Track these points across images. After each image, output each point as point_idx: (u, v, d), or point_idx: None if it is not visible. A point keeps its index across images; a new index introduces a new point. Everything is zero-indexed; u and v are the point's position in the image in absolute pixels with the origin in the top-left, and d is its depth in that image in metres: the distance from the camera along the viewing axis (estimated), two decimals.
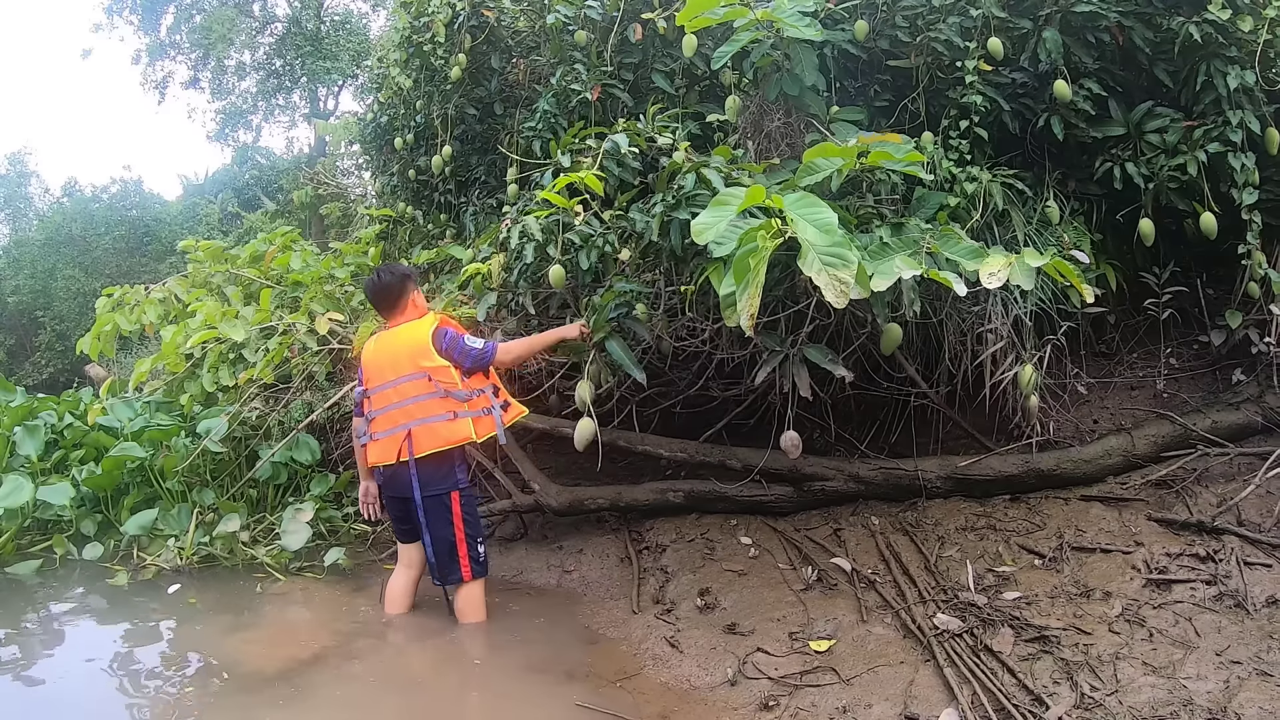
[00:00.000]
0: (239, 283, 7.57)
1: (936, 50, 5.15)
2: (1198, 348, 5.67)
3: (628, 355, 4.68)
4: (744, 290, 3.76)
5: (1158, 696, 3.40)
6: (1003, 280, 3.93)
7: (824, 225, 3.70)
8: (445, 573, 4.69)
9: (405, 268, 5.03)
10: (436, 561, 4.69)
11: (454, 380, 4.59)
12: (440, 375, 4.60)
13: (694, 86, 5.98)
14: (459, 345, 4.62)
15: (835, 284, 3.60)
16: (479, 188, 7.13)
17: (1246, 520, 4.47)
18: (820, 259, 3.64)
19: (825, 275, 3.61)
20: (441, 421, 4.58)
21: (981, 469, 5.11)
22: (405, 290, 4.86)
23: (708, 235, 3.91)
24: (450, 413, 4.58)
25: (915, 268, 3.91)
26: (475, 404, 4.64)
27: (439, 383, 4.60)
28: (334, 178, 13.35)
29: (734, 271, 3.82)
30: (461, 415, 4.58)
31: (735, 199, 3.96)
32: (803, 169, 4.40)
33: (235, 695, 4.05)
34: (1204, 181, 4.95)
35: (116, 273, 21.17)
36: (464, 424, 4.58)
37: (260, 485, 6.50)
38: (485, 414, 4.64)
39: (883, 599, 4.43)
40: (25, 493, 5.90)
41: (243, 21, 26.37)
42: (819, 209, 3.77)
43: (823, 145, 4.43)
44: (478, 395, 4.66)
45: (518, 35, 6.84)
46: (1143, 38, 4.98)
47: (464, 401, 4.61)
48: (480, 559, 4.70)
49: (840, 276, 3.61)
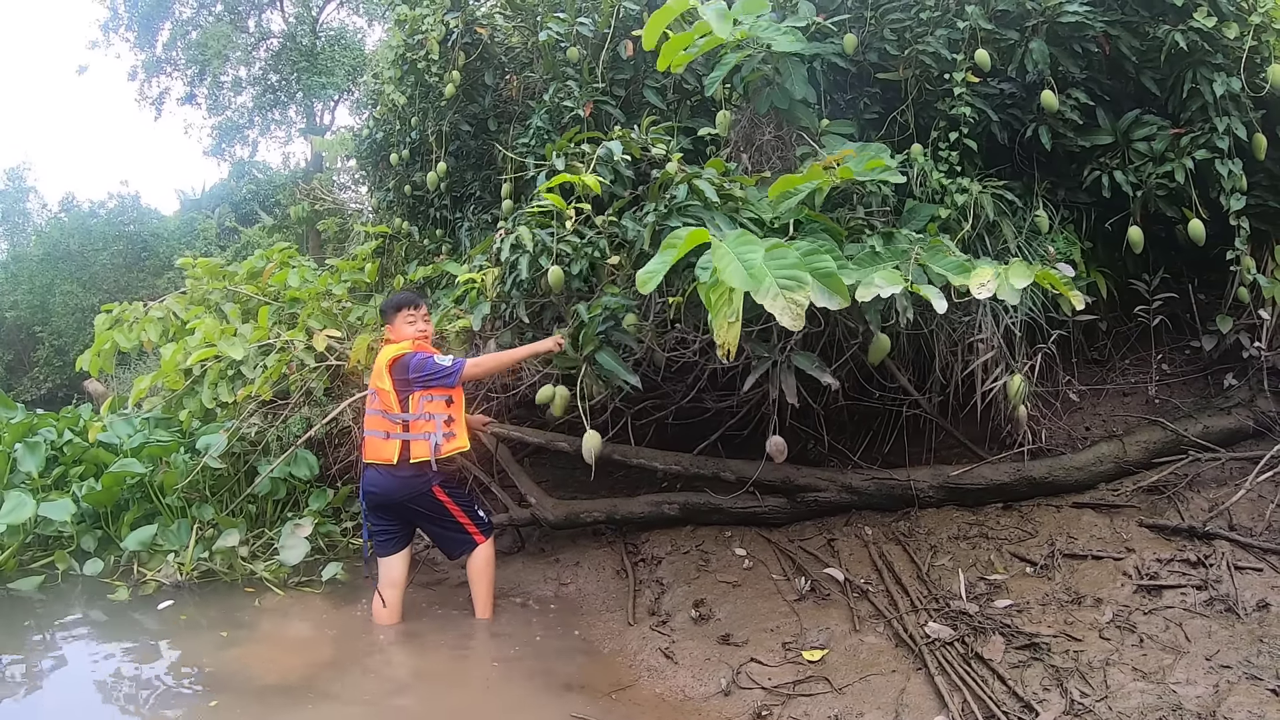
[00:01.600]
0: (237, 299, 7.60)
1: (925, 63, 5.19)
2: (1189, 353, 5.70)
3: (619, 364, 4.72)
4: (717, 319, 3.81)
5: (1147, 702, 3.43)
6: (992, 291, 3.96)
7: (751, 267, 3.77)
8: (458, 549, 5.08)
9: (401, 297, 5.26)
10: (444, 545, 5.12)
11: (391, 404, 4.89)
12: (383, 397, 4.93)
13: (685, 101, 6.02)
14: (426, 364, 4.88)
15: (791, 307, 3.62)
16: (474, 203, 7.16)
17: (1238, 525, 4.50)
18: (778, 282, 3.68)
19: (781, 300, 3.64)
20: (377, 437, 4.95)
21: (974, 478, 5.13)
22: (391, 319, 5.17)
23: (650, 285, 4.08)
24: (385, 432, 4.92)
25: (897, 283, 3.93)
26: (416, 427, 4.87)
27: (382, 403, 4.94)
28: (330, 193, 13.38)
29: (706, 301, 3.89)
30: (394, 436, 4.90)
31: (678, 241, 4.10)
32: (778, 197, 4.49)
33: (234, 710, 4.08)
34: (1192, 188, 4.99)
35: (114, 288, 21.16)
36: (391, 445, 4.89)
37: (259, 500, 6.52)
38: (424, 438, 4.87)
39: (875, 608, 4.46)
40: (27, 509, 5.92)
41: (238, 37, 26.41)
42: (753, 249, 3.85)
43: (785, 178, 4.56)
44: (424, 419, 4.87)
45: (511, 52, 6.88)
46: (1129, 46, 5.02)
47: (399, 424, 4.88)
48: (483, 520, 5.09)
49: (795, 298, 3.64)
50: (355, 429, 6.37)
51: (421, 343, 5.07)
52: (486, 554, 5.07)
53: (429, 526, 5.08)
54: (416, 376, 4.84)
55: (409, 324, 5.09)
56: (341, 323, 6.86)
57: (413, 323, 5.10)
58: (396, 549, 5.05)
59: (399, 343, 5.05)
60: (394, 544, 5.05)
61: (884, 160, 4.49)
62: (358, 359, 6.13)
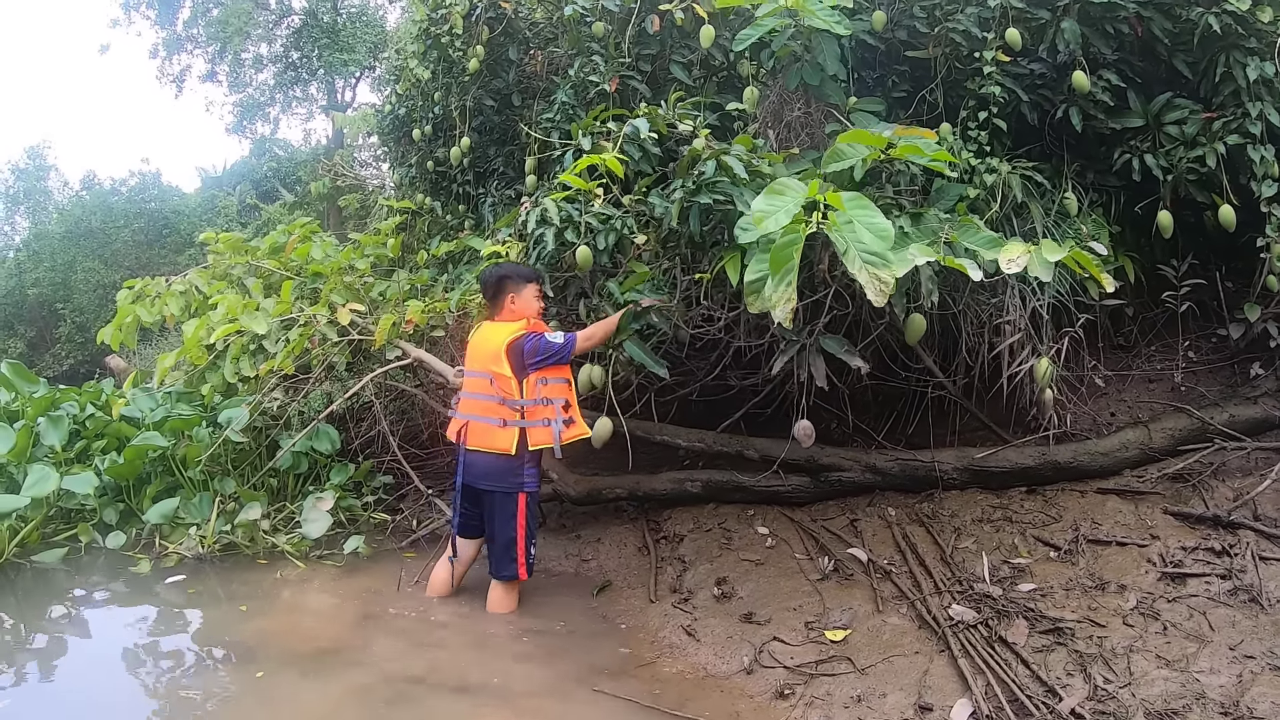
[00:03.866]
0: (259, 274, 7.62)
1: (954, 41, 5.15)
2: (1216, 341, 5.66)
3: (648, 355, 4.72)
4: (781, 281, 3.77)
5: (1170, 689, 3.41)
6: (1021, 266, 3.95)
7: (880, 231, 3.73)
8: (500, 567, 4.82)
9: (510, 268, 5.02)
10: (493, 555, 4.86)
11: (512, 390, 4.69)
12: (501, 382, 4.72)
13: (711, 77, 5.99)
14: (540, 345, 4.68)
15: (876, 283, 3.63)
16: (497, 179, 7.15)
17: (1263, 515, 4.47)
18: (861, 257, 3.66)
19: (866, 273, 3.65)
20: (491, 425, 4.73)
21: (998, 461, 5.11)
22: (502, 289, 4.90)
23: (767, 225, 3.89)
24: (500, 419, 4.71)
25: (931, 254, 3.93)
26: (534, 414, 4.71)
27: (499, 388, 4.72)
28: (352, 169, 13.37)
29: (772, 263, 3.83)
30: (510, 424, 4.69)
31: (792, 189, 3.97)
32: (830, 155, 4.43)
33: (277, 678, 4.11)
34: (1223, 173, 4.94)
35: (136, 265, 21.26)
36: (508, 434, 4.69)
37: (280, 474, 6.54)
38: (544, 425, 4.70)
39: (898, 589, 4.45)
40: (51, 482, 5.95)
41: (259, 14, 26.40)
42: (874, 214, 3.79)
43: (855, 131, 4.45)
44: (542, 405, 4.71)
45: (535, 27, 6.86)
46: (1161, 28, 4.96)
47: (517, 411, 4.70)
48: (531, 560, 4.84)
49: (881, 276, 3.64)
50: (377, 404, 6.38)
51: (537, 321, 4.89)
52: (510, 590, 4.87)
53: (495, 529, 4.81)
54: (533, 361, 4.67)
55: (537, 298, 4.92)
56: (364, 297, 6.86)
57: (540, 297, 4.95)
58: (473, 535, 5.00)
59: (517, 319, 4.84)
60: (473, 530, 4.99)
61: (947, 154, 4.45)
62: (382, 338, 6.12)
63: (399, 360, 6.10)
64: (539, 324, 4.87)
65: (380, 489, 6.76)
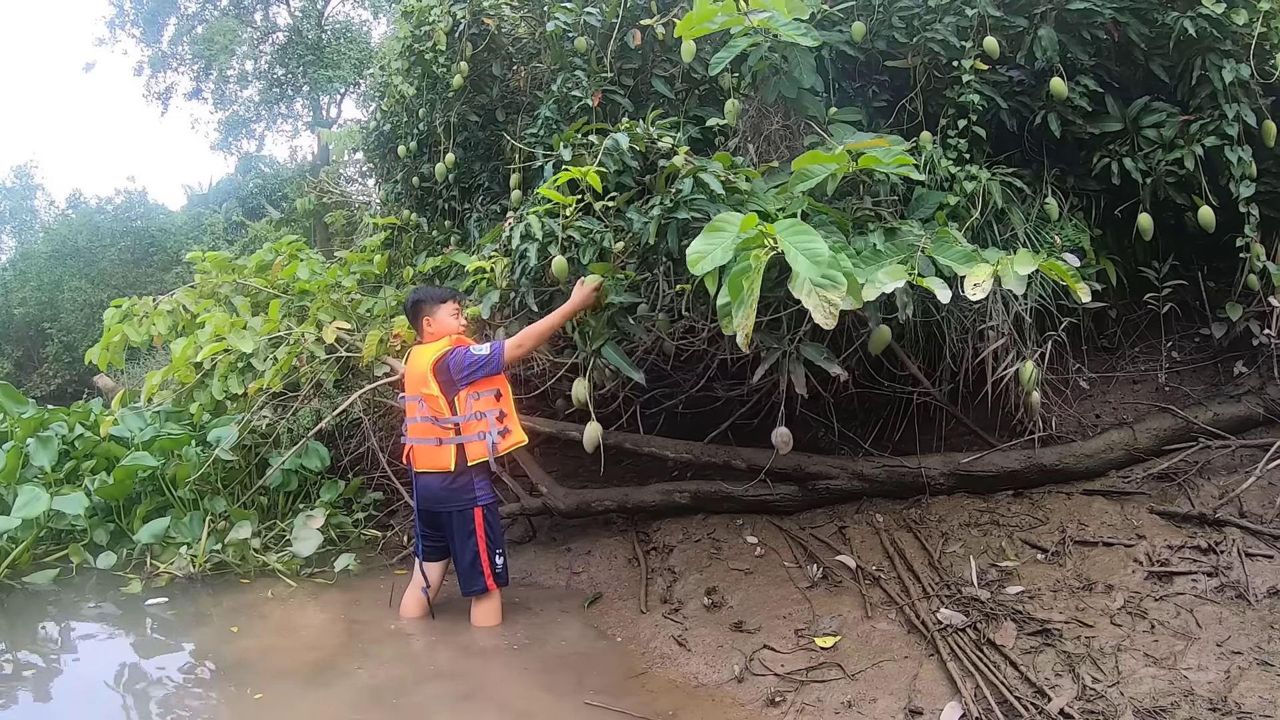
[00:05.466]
0: (246, 293, 7.63)
1: (933, 50, 5.18)
2: (1199, 341, 5.70)
3: (624, 359, 4.75)
4: (739, 307, 3.80)
5: (1159, 687, 3.44)
6: (987, 291, 3.98)
7: (814, 256, 3.73)
8: (469, 584, 4.84)
9: (424, 291, 5.17)
10: (460, 575, 4.88)
11: (441, 409, 4.76)
12: (430, 402, 4.80)
13: (693, 91, 6.02)
14: (465, 359, 4.73)
15: (824, 305, 3.64)
16: (483, 194, 7.16)
17: (1248, 512, 4.50)
18: (810, 281, 3.69)
19: (815, 297, 3.65)
20: (429, 446, 4.82)
21: (984, 465, 5.13)
22: (418, 313, 5.05)
23: (704, 266, 3.95)
24: (436, 439, 4.79)
25: (901, 278, 3.95)
26: (469, 429, 4.77)
27: (429, 409, 4.79)
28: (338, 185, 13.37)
29: (729, 289, 3.87)
30: (446, 442, 4.77)
31: (730, 225, 4.01)
32: (795, 176, 4.46)
33: (249, 700, 4.12)
34: (1202, 175, 4.97)
35: (123, 283, 21.29)
36: (445, 451, 4.77)
37: (271, 492, 6.56)
38: (479, 439, 4.76)
39: (887, 595, 4.47)
40: (41, 503, 5.95)
41: (244, 31, 26.46)
42: (811, 239, 3.80)
43: (812, 153, 4.47)
44: (476, 419, 4.77)
45: (518, 42, 6.88)
46: (1138, 33, 5.00)
47: (451, 428, 4.76)
48: (499, 570, 4.85)
49: (829, 298, 3.65)
50: (366, 420, 6.40)
51: (461, 336, 4.96)
52: (490, 604, 4.88)
53: (456, 548, 4.87)
54: (460, 376, 4.73)
55: (453, 316, 5.00)
56: (351, 315, 6.87)
57: (457, 315, 5.03)
58: (438, 558, 5.03)
59: (437, 339, 4.92)
60: (437, 553, 5.02)
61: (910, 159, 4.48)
62: (370, 354, 6.14)
63: (387, 376, 6.12)
64: (462, 339, 4.94)
65: (370, 505, 6.78)
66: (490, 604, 4.86)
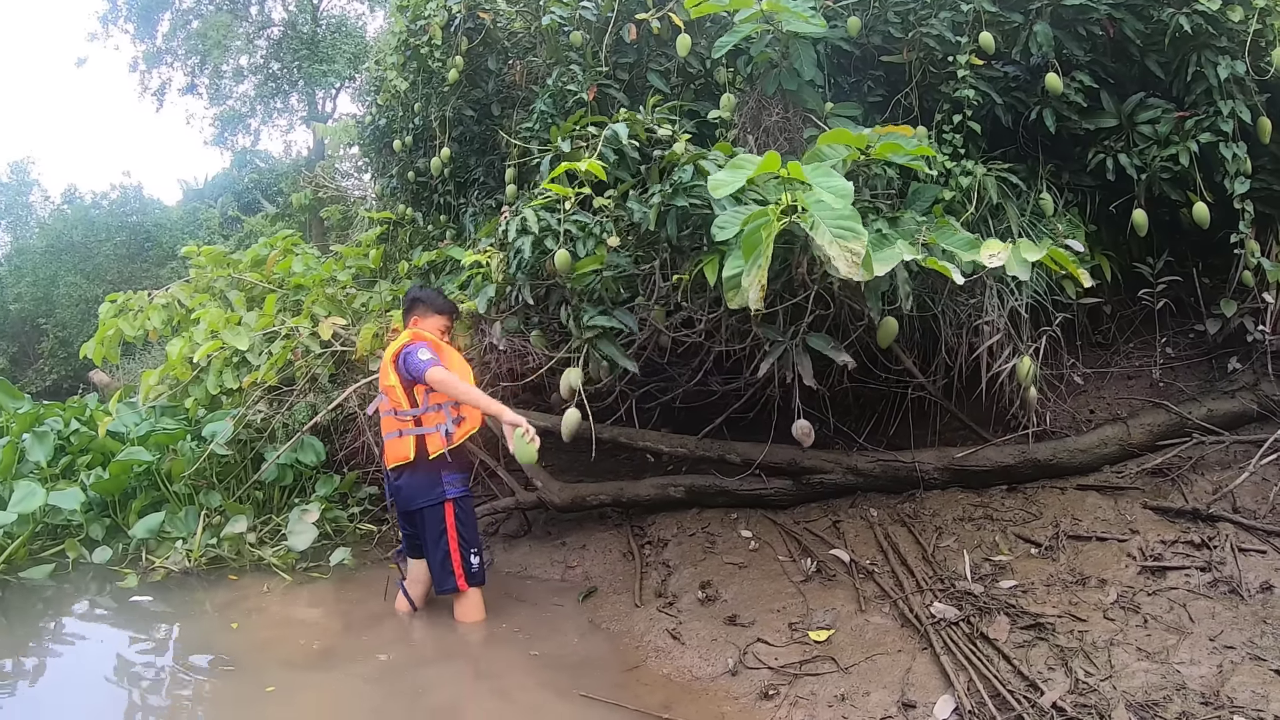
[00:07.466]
0: (241, 287, 7.62)
1: (929, 45, 5.19)
2: (1193, 337, 5.71)
3: (619, 351, 4.75)
4: (752, 265, 3.81)
5: (1151, 681, 3.45)
6: (1002, 260, 3.99)
7: (840, 191, 3.75)
8: (440, 583, 4.84)
9: (429, 295, 5.14)
10: (432, 572, 4.88)
11: (400, 400, 4.77)
12: (390, 394, 4.83)
13: (689, 85, 6.01)
14: (409, 357, 4.69)
15: (847, 254, 3.65)
16: (478, 189, 7.16)
17: (1241, 507, 4.51)
18: (831, 230, 3.69)
19: (837, 246, 3.67)
20: (393, 439, 4.83)
21: (978, 460, 5.15)
22: (412, 309, 5.09)
23: (723, 190, 3.98)
24: (397, 431, 4.81)
25: (914, 253, 3.99)
26: (429, 420, 4.76)
27: (390, 401, 4.82)
28: (333, 180, 13.37)
29: (743, 246, 3.87)
30: (406, 433, 4.77)
31: (751, 163, 4.02)
32: (809, 155, 4.46)
33: (243, 692, 4.12)
34: (1196, 171, 4.99)
35: (118, 279, 21.23)
36: (405, 443, 4.77)
37: (266, 487, 6.55)
38: (436, 430, 4.75)
39: (881, 589, 4.48)
40: (37, 498, 5.96)
41: (239, 26, 26.38)
42: (834, 177, 3.83)
43: (836, 131, 4.47)
44: (434, 411, 4.76)
45: (514, 37, 6.87)
46: (1133, 29, 5.01)
47: (411, 420, 4.77)
48: (474, 569, 4.82)
49: (851, 247, 3.66)
50: (360, 415, 6.40)
51: (419, 333, 4.89)
52: (468, 602, 4.83)
53: (428, 547, 4.83)
54: (403, 372, 4.73)
55: (440, 331, 5.00)
56: (346, 309, 6.87)
57: (445, 332, 5.05)
58: (420, 554, 5.00)
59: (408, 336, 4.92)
60: (418, 549, 5.00)
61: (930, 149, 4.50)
62: (364, 349, 6.14)
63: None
64: (419, 335, 4.85)
65: (366, 500, 6.78)
66: (469, 601, 4.84)
